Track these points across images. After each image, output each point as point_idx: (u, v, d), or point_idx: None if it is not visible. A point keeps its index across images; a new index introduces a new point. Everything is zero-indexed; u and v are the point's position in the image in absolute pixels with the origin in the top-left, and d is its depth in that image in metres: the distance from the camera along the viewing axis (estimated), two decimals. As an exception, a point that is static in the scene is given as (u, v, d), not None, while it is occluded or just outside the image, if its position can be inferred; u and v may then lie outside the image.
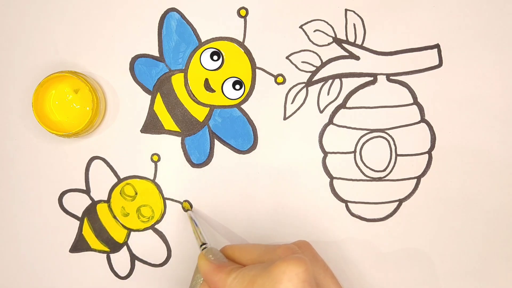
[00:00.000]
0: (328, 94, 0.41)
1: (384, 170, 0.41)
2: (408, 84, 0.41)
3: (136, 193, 0.43)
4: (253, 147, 0.42)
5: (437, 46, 0.40)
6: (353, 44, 0.41)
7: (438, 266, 0.42)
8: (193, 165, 0.42)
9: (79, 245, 0.44)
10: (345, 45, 0.41)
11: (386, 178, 0.41)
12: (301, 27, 0.41)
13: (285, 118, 0.42)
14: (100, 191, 0.43)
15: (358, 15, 0.40)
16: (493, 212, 0.41)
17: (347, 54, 0.41)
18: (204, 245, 0.36)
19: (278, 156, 0.42)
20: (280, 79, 0.41)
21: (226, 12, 0.41)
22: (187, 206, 0.42)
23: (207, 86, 0.41)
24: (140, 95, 0.42)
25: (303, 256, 0.29)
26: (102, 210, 0.43)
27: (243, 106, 0.42)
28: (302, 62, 0.41)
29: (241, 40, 0.41)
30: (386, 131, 0.41)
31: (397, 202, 0.42)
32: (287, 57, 0.41)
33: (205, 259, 0.33)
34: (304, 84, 0.41)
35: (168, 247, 0.43)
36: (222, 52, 0.41)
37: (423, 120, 0.41)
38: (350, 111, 0.41)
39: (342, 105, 0.41)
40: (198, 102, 0.42)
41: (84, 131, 0.40)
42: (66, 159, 0.43)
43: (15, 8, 0.42)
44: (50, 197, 0.43)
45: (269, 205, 0.42)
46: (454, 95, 0.41)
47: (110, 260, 0.44)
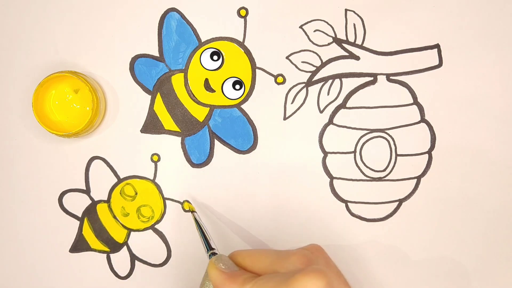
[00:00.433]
0: (328, 94, 0.41)
1: (384, 170, 0.41)
2: (408, 84, 0.41)
3: (136, 193, 0.43)
4: (253, 147, 0.42)
5: (437, 46, 0.40)
6: (353, 44, 0.41)
7: (438, 266, 0.42)
8: (193, 165, 0.42)
9: (79, 245, 0.44)
10: (345, 45, 0.41)
11: (386, 178, 0.41)
12: (301, 27, 0.41)
13: (285, 118, 0.42)
14: (100, 191, 0.43)
15: (358, 15, 0.40)
16: (493, 212, 0.41)
17: (347, 54, 0.41)
18: (212, 251, 0.35)
19: (278, 156, 0.42)
20: (280, 79, 0.41)
21: (226, 12, 0.41)
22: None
23: (207, 86, 0.41)
24: (140, 95, 0.42)
25: (322, 268, 0.28)
26: (102, 210, 0.43)
27: (243, 106, 0.42)
28: (302, 62, 0.41)
29: (241, 40, 0.41)
30: (386, 131, 0.41)
31: (397, 202, 0.42)
32: (287, 57, 0.41)
33: (215, 268, 0.32)
34: (304, 84, 0.41)
35: (168, 247, 0.43)
36: (222, 52, 0.41)
37: (423, 120, 0.41)
38: (350, 111, 0.41)
39: (342, 105, 0.41)
40: (198, 102, 0.42)
41: (84, 131, 0.40)
42: (66, 159, 0.43)
43: (15, 8, 0.42)
44: (50, 197, 0.43)
45: (269, 205, 0.42)
46: (454, 95, 0.41)
47: (110, 260, 0.44)
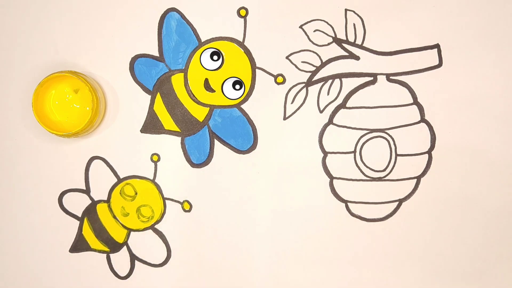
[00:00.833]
0: (328, 94, 0.41)
1: (384, 170, 0.41)
2: (408, 84, 0.41)
3: (136, 193, 0.43)
4: (253, 147, 0.42)
5: (437, 46, 0.40)
6: (353, 44, 0.41)
7: (438, 266, 0.42)
8: (193, 165, 0.42)
9: (79, 245, 0.44)
10: (345, 45, 0.41)
11: (386, 178, 0.41)
12: (301, 27, 0.41)
13: (285, 118, 0.42)
14: (100, 191, 0.43)
15: (358, 15, 0.40)
16: (493, 212, 0.41)
17: (347, 54, 0.41)
18: None
19: (278, 156, 0.42)
20: (280, 79, 0.41)
21: (226, 12, 0.41)
22: (187, 206, 0.42)
23: (207, 86, 0.41)
24: (140, 95, 0.42)
25: None
26: (102, 210, 0.43)
27: (243, 106, 0.42)
28: (302, 62, 0.41)
29: (241, 40, 0.41)
30: (386, 131, 0.41)
31: (397, 202, 0.42)
32: (287, 57, 0.41)
33: None
34: (304, 84, 0.41)
35: (168, 247, 0.43)
36: (222, 52, 0.41)
37: (423, 120, 0.41)
38: (350, 111, 0.41)
39: (342, 105, 0.41)
40: (198, 102, 0.42)
41: (84, 131, 0.40)
42: (66, 159, 0.43)
43: (15, 8, 0.42)
44: (50, 197, 0.43)
45: (269, 205, 0.42)
46: (454, 95, 0.41)
47: (110, 260, 0.44)
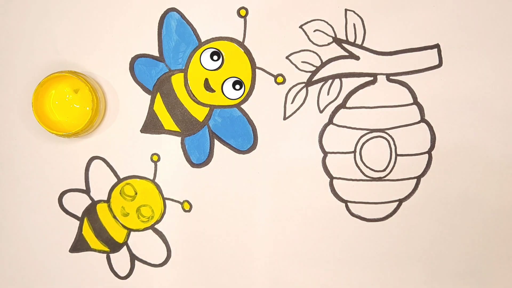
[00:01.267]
0: (328, 94, 0.41)
1: (384, 170, 0.41)
2: (408, 84, 0.41)
3: (136, 193, 0.43)
4: (253, 147, 0.42)
5: (437, 46, 0.40)
6: (353, 44, 0.41)
7: (438, 266, 0.42)
8: (193, 165, 0.42)
9: (79, 245, 0.44)
10: (345, 45, 0.41)
11: (386, 178, 0.41)
12: (301, 27, 0.41)
13: (285, 118, 0.42)
14: (100, 191, 0.43)
15: (358, 15, 0.40)
16: (493, 212, 0.41)
17: (347, 54, 0.41)
18: None
19: (278, 156, 0.42)
20: (280, 79, 0.41)
21: (226, 12, 0.41)
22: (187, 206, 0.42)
23: (207, 86, 0.41)
24: (140, 95, 0.42)
25: None
26: (102, 210, 0.43)
27: (243, 106, 0.42)
28: (302, 62, 0.41)
29: (241, 40, 0.41)
30: (386, 131, 0.41)
31: (397, 202, 0.42)
32: (287, 57, 0.41)
33: None
34: (304, 84, 0.41)
35: (168, 247, 0.43)
36: (222, 52, 0.41)
37: (423, 120, 0.41)
38: (350, 111, 0.41)
39: (342, 105, 0.41)
40: (198, 102, 0.42)
41: (84, 131, 0.40)
42: (66, 159, 0.43)
43: (15, 8, 0.42)
44: (50, 197, 0.43)
45: (269, 205, 0.42)
46: (454, 95, 0.41)
47: (110, 260, 0.44)
